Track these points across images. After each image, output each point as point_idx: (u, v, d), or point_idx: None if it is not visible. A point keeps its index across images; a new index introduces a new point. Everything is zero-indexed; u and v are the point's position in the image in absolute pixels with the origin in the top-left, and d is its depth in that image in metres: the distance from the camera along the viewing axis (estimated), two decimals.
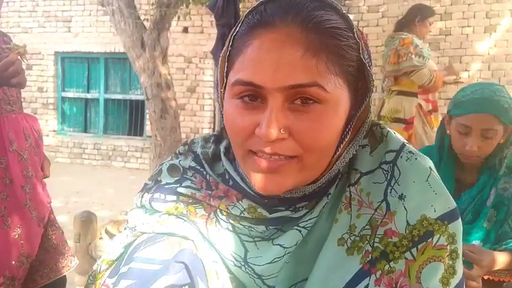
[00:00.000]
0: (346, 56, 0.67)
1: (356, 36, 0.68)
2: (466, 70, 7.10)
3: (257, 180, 0.69)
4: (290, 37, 0.64)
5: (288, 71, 0.64)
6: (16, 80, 1.71)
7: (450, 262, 0.69)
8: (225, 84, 0.72)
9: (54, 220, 2.11)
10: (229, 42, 0.71)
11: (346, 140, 0.71)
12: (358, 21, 7.82)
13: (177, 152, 0.86)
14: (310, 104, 0.66)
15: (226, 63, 0.72)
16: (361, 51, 0.69)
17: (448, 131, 1.80)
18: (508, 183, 1.72)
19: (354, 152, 0.74)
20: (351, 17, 8.08)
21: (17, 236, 1.89)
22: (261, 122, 0.65)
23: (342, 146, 0.71)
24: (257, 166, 0.68)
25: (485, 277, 1.71)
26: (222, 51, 0.73)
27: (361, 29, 7.78)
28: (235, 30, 0.71)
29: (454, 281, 0.69)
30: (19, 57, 1.75)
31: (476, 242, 1.72)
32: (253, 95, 0.67)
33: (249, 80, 0.66)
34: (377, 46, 7.73)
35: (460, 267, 0.70)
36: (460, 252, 0.71)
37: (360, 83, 0.70)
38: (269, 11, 0.67)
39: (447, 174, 1.78)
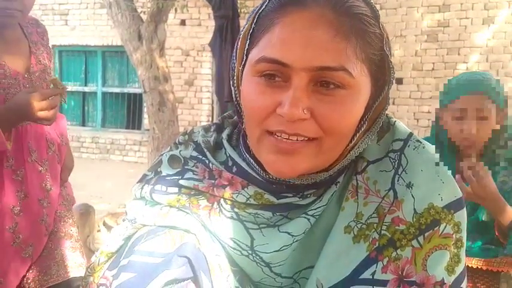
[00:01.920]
0: (372, 44, 0.67)
1: (381, 26, 0.68)
2: (464, 62, 7.11)
3: (272, 162, 0.69)
4: (322, 18, 0.64)
5: (317, 52, 0.63)
6: (44, 114, 1.62)
7: (455, 250, 0.70)
8: (244, 63, 0.71)
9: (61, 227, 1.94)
10: (253, 19, 0.70)
11: (362, 129, 0.70)
12: None
13: (177, 141, 0.84)
14: (334, 88, 0.65)
15: (247, 41, 0.71)
16: (384, 42, 0.69)
17: (443, 126, 1.81)
18: (507, 177, 1.72)
19: (369, 143, 0.73)
20: None
21: (27, 255, 1.75)
22: (284, 100, 0.65)
23: (357, 136, 0.70)
24: (274, 147, 0.68)
25: (484, 268, 1.73)
26: (244, 29, 0.72)
27: None
28: (260, 8, 0.70)
29: (459, 269, 0.70)
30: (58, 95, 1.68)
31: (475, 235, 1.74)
32: (276, 74, 0.66)
33: (276, 58, 0.65)
34: None
35: (463, 256, 0.71)
36: (464, 241, 0.71)
37: (380, 73, 0.70)
38: None
39: (448, 169, 1.77)
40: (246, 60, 0.71)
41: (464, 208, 0.72)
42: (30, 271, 1.80)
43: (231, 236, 0.74)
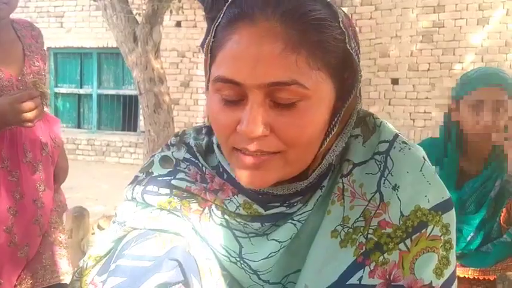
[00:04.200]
0: (330, 48, 0.65)
1: (342, 25, 0.66)
2: (459, 62, 7.12)
3: (242, 176, 0.69)
4: (269, 32, 0.62)
5: (266, 68, 0.62)
6: (25, 117, 1.62)
7: (444, 253, 0.69)
8: (209, 77, 0.71)
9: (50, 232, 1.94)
10: (212, 33, 0.69)
11: (333, 132, 0.69)
12: (352, 14, 7.81)
13: (169, 143, 0.84)
14: (291, 102, 0.64)
15: (209, 55, 0.70)
16: (347, 41, 0.66)
17: (455, 119, 1.79)
18: None
19: (343, 145, 0.72)
20: (345, 9, 8.06)
21: (23, 255, 1.77)
22: (243, 119, 0.64)
23: (328, 140, 0.69)
24: (242, 163, 0.67)
25: (481, 277, 1.72)
26: (206, 43, 0.71)
27: (354, 22, 7.81)
28: (217, 20, 0.69)
29: (448, 271, 0.68)
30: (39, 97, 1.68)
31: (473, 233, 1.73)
32: (234, 91, 0.65)
33: (228, 77, 0.64)
34: (370, 39, 7.73)
35: (453, 258, 0.70)
36: (453, 242, 0.70)
37: (346, 73, 0.68)
38: (249, 2, 0.65)
39: (452, 164, 1.78)
40: (210, 74, 0.70)
41: (453, 209, 0.71)
42: None
43: (220, 242, 0.74)
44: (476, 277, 1.73)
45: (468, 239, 1.74)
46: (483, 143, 1.73)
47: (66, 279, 1.88)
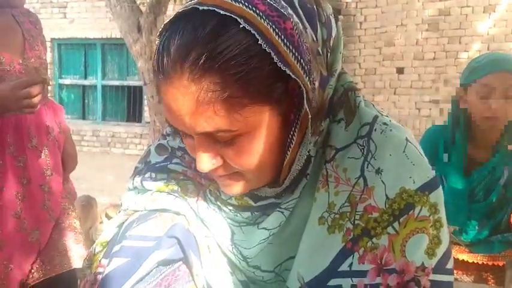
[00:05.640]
0: (251, 81, 0.61)
1: (268, 42, 0.60)
2: (465, 51, 7.08)
3: (221, 187, 0.73)
4: (182, 88, 0.61)
5: (191, 121, 0.63)
6: (26, 103, 1.61)
7: (434, 232, 0.68)
8: None
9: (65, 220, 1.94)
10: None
11: (292, 145, 0.67)
12: (357, 2, 7.78)
13: (165, 133, 0.87)
14: (229, 138, 0.65)
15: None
16: (277, 56, 0.61)
17: (463, 105, 1.78)
18: None
19: (307, 153, 0.70)
20: None
21: (34, 240, 1.78)
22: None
23: (290, 152, 0.67)
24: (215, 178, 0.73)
25: (490, 263, 1.74)
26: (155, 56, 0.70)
27: (359, 10, 7.76)
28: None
29: (440, 250, 0.68)
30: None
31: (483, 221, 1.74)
32: (184, 131, 0.68)
33: (170, 123, 0.67)
34: (376, 28, 7.69)
35: (445, 236, 0.69)
36: (444, 221, 0.69)
37: (288, 85, 0.64)
38: (165, 56, 0.62)
39: (460, 152, 1.78)
40: None
41: (440, 188, 0.70)
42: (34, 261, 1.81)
43: (214, 225, 0.77)
44: (485, 263, 1.74)
45: (477, 227, 1.76)
46: (492, 129, 1.73)
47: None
